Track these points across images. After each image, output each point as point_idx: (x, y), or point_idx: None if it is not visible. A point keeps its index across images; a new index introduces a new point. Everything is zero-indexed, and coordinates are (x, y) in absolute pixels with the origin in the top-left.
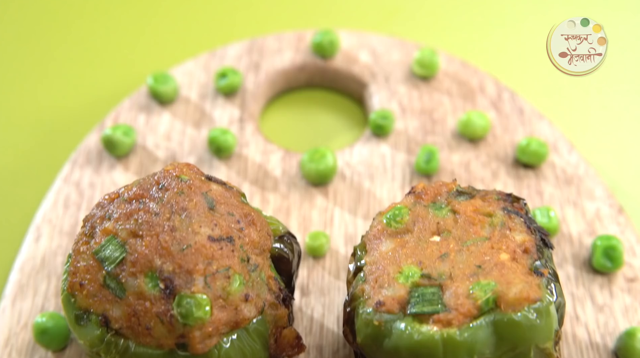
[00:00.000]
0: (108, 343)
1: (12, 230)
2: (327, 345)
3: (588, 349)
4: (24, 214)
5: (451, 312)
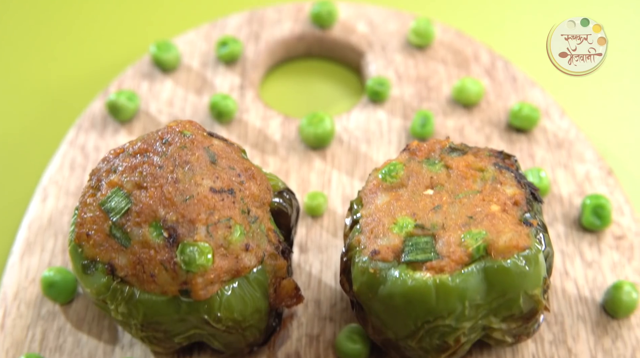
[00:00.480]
0: (114, 290)
1: (19, 192)
2: (324, 300)
3: (577, 303)
4: (31, 177)
5: (443, 259)
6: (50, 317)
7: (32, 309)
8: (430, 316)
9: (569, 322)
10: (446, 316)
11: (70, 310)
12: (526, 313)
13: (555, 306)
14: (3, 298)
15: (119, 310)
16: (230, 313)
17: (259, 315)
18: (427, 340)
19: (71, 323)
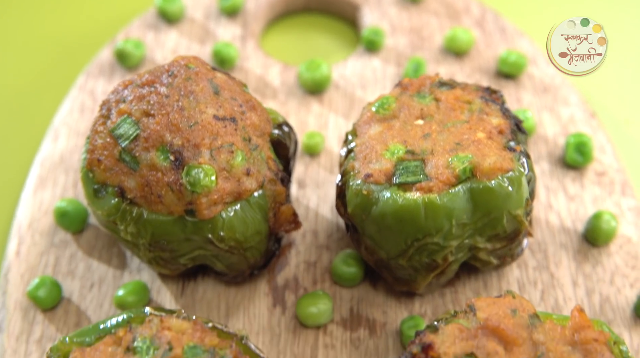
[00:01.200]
0: (123, 211)
1: (32, 133)
2: (321, 230)
3: (560, 233)
4: (42, 120)
5: (432, 180)
6: (62, 245)
7: (46, 238)
8: (420, 234)
9: (551, 250)
10: (434, 234)
11: (81, 239)
12: (510, 233)
13: (539, 236)
14: (18, 228)
15: (128, 230)
16: (232, 234)
17: (260, 237)
18: (417, 258)
19: (82, 250)
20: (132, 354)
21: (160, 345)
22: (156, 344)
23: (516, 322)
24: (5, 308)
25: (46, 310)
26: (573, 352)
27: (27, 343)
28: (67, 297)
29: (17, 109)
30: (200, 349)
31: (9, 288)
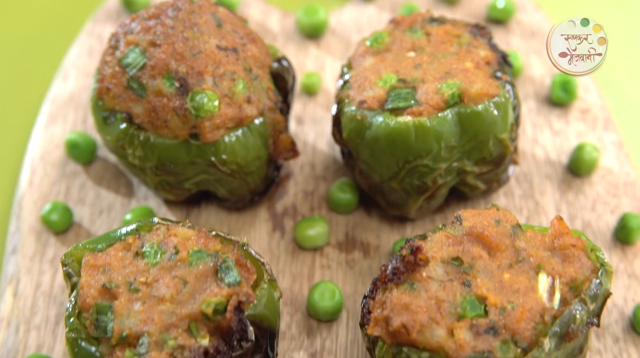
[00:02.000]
0: (131, 136)
1: (42, 75)
2: (319, 162)
3: (545, 165)
4: (52, 62)
5: (422, 105)
6: (73, 175)
7: (57, 169)
8: (411, 155)
9: (537, 180)
10: (424, 156)
11: (90, 170)
12: (496, 157)
13: (525, 167)
14: (31, 160)
15: (136, 154)
16: (234, 157)
17: (260, 162)
18: (408, 180)
19: (92, 180)
20: (141, 258)
21: (166, 250)
22: (163, 249)
23: (499, 231)
24: (19, 232)
25: (58, 233)
26: (552, 256)
27: (40, 262)
28: (77, 222)
29: (27, 52)
30: (204, 253)
31: (23, 214)
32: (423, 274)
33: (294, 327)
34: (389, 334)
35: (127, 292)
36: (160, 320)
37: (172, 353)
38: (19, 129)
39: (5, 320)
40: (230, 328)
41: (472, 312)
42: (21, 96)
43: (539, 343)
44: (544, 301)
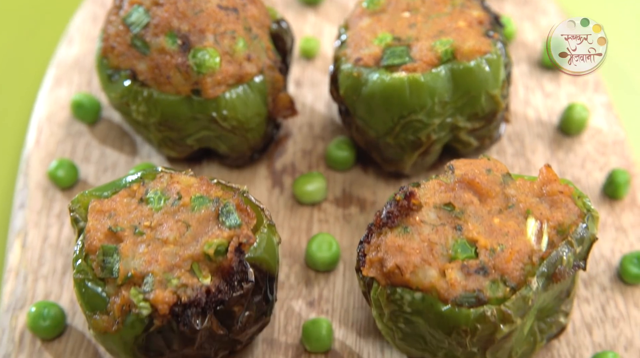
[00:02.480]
0: (135, 92)
1: (47, 40)
2: (317, 123)
3: (536, 125)
4: (57, 28)
5: (416, 62)
6: (78, 134)
7: (63, 129)
8: (405, 110)
9: (528, 140)
10: (418, 110)
11: (95, 130)
12: (488, 113)
13: (517, 127)
14: (38, 121)
15: (140, 110)
16: (234, 113)
17: (259, 119)
18: (403, 136)
19: (96, 140)
20: (145, 204)
21: (170, 196)
22: (166, 195)
23: (490, 179)
24: (27, 188)
25: (64, 189)
26: (540, 202)
27: (47, 217)
28: (83, 179)
29: (34, 18)
30: (206, 199)
31: (30, 171)
32: (416, 218)
33: (293, 277)
34: (384, 275)
35: (132, 235)
36: (164, 261)
37: (176, 292)
38: (25, 92)
39: (14, 271)
40: (231, 268)
41: (463, 254)
42: (27, 61)
43: (527, 282)
44: (532, 243)
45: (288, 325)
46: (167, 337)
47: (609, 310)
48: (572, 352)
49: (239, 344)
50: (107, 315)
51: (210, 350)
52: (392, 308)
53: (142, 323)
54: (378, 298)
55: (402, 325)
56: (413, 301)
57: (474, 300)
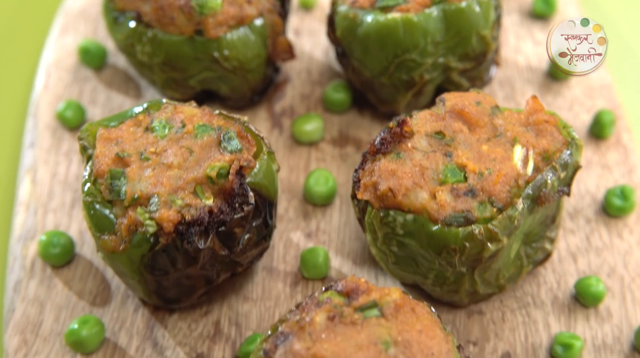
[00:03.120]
0: (140, 33)
1: None
2: (315, 69)
3: (527, 70)
4: None
5: (410, 3)
6: (85, 79)
7: (70, 74)
8: (399, 49)
9: (519, 84)
10: (412, 50)
11: (101, 75)
12: (478, 53)
13: (507, 73)
14: (46, 67)
15: (145, 50)
16: (235, 54)
17: (259, 61)
18: (397, 75)
19: (103, 84)
20: (151, 132)
21: (174, 124)
22: (171, 124)
23: (479, 110)
24: (36, 129)
25: (72, 129)
26: (527, 131)
27: (56, 155)
28: (89, 120)
29: None
30: (208, 127)
31: (39, 113)
32: (408, 145)
33: (292, 211)
34: (377, 198)
35: (138, 160)
36: (169, 184)
37: (180, 211)
38: (33, 40)
39: (24, 204)
40: (232, 190)
41: (452, 178)
42: (35, 10)
43: (513, 203)
44: (518, 168)
45: (287, 254)
46: (171, 256)
47: (593, 241)
48: (558, 278)
49: (240, 266)
50: (115, 235)
51: (212, 271)
52: (385, 230)
53: (148, 242)
54: (372, 221)
55: (394, 248)
56: (405, 223)
57: (462, 220)
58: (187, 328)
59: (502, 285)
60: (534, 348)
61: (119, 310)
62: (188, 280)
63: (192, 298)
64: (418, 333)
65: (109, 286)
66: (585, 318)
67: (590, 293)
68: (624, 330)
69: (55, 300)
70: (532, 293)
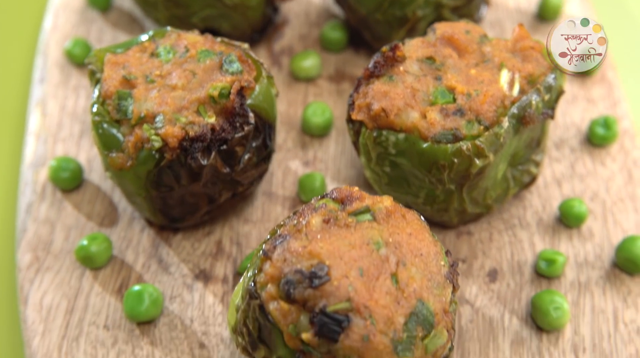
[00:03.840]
0: None
1: None
2: (313, 11)
3: (517, 12)
4: None
5: None
6: (91, 20)
7: (78, 15)
8: None
9: (508, 25)
10: None
11: (107, 17)
12: None
13: (498, 14)
14: (54, 8)
15: None
16: None
17: None
18: (391, 11)
19: (109, 25)
20: (156, 57)
21: (178, 50)
22: (175, 49)
23: (468, 38)
24: (45, 65)
25: (80, 66)
26: (514, 57)
27: (64, 89)
28: None
29: None
30: (210, 52)
31: (48, 51)
32: (400, 69)
33: (290, 142)
34: (371, 118)
35: (144, 82)
36: (173, 103)
37: (184, 128)
38: None
39: (35, 134)
40: (233, 109)
41: (442, 99)
42: None
43: (499, 121)
44: (504, 90)
45: (285, 180)
46: (176, 172)
47: (577, 168)
48: (543, 202)
49: (241, 186)
50: (122, 152)
51: (214, 189)
52: (379, 150)
53: (153, 158)
54: (366, 142)
55: (387, 168)
56: (397, 141)
57: (451, 137)
58: (190, 247)
59: (489, 206)
60: (519, 265)
61: (125, 230)
62: (192, 197)
63: (195, 217)
64: (408, 235)
65: (116, 209)
66: (569, 238)
67: (574, 214)
68: (605, 248)
69: (65, 221)
70: (518, 215)
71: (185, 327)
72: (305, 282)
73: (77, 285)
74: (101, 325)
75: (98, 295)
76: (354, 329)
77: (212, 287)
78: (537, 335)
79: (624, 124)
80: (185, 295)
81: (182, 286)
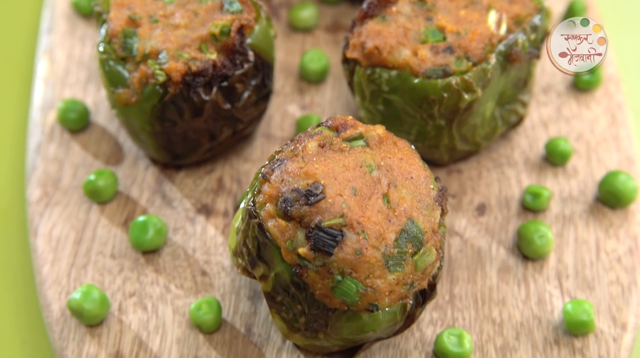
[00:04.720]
0: None
1: None
2: None
3: None
4: None
5: None
6: None
7: None
8: None
9: None
10: None
11: None
12: None
13: None
14: None
15: None
16: None
17: None
18: None
19: None
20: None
21: None
22: None
23: None
24: (52, 17)
25: (86, 16)
26: None
27: (71, 38)
28: None
29: None
30: None
31: (55, 2)
32: (393, 9)
33: (288, 87)
34: (364, 56)
35: (149, 22)
36: (177, 41)
37: (187, 63)
38: None
39: (43, 79)
40: (233, 46)
41: (433, 38)
42: None
43: (487, 58)
44: (492, 29)
45: (283, 123)
46: (179, 107)
47: (563, 111)
48: (530, 142)
49: (241, 123)
50: (128, 88)
51: (215, 126)
52: (372, 88)
53: (157, 93)
54: (360, 81)
55: (380, 106)
56: (390, 78)
57: (441, 73)
58: (192, 184)
59: (478, 143)
60: (507, 199)
61: (130, 168)
62: (194, 133)
63: (197, 154)
64: (399, 160)
65: (121, 148)
66: (554, 175)
67: (559, 152)
68: (589, 184)
69: (73, 160)
70: (506, 154)
71: (188, 256)
72: (302, 199)
73: (85, 218)
74: (108, 254)
75: (105, 227)
76: (347, 243)
77: (213, 220)
78: (523, 263)
79: (609, 69)
80: (188, 227)
81: (184, 219)
